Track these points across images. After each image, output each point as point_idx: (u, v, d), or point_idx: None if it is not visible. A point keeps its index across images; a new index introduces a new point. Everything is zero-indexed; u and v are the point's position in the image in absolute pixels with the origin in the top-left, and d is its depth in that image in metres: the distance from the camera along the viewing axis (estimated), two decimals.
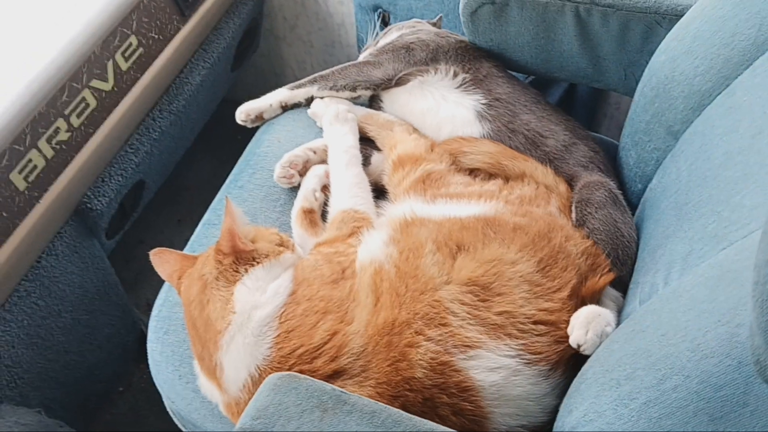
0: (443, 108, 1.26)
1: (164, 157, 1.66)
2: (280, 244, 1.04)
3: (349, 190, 1.15)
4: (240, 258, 0.99)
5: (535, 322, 0.92)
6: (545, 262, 0.98)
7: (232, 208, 0.98)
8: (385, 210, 1.14)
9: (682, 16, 1.12)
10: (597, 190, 1.09)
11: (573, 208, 1.10)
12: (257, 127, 1.41)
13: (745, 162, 0.83)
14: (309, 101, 1.35)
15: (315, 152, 1.23)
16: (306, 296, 0.95)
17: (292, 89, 1.34)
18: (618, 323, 0.96)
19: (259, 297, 0.95)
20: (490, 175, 1.19)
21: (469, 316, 0.91)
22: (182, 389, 1.08)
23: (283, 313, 0.93)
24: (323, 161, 1.23)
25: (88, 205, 1.41)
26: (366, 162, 1.23)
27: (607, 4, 1.19)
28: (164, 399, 1.13)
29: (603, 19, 1.20)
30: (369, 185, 1.18)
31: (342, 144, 1.21)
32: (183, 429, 1.15)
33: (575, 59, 1.28)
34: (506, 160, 1.18)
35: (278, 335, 0.91)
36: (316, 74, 1.34)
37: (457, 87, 1.27)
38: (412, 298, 0.92)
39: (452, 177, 1.17)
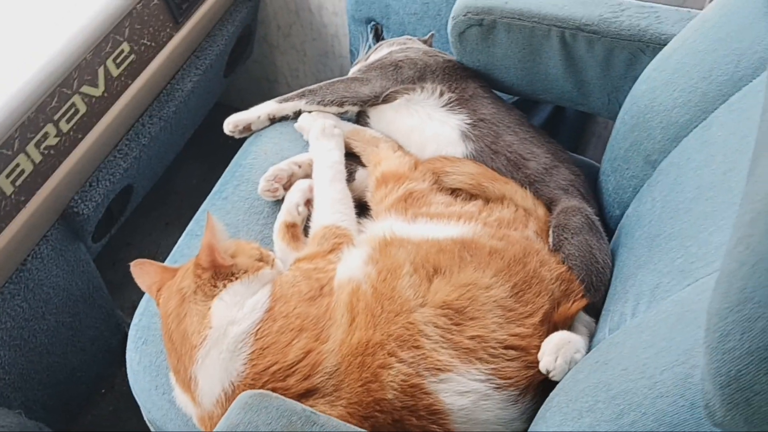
0: (428, 126, 1.28)
1: (153, 162, 1.67)
2: (260, 260, 1.04)
3: (332, 206, 1.16)
4: (219, 273, 0.99)
5: (506, 347, 0.93)
6: (519, 287, 0.99)
7: (213, 223, 0.99)
8: (366, 227, 1.15)
9: (665, 45, 1.14)
10: (574, 215, 1.11)
11: (550, 232, 1.11)
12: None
13: (715, 198, 0.84)
14: (297, 114, 1.36)
15: (300, 166, 1.24)
16: (282, 313, 0.96)
17: (280, 102, 1.36)
18: (589, 349, 0.97)
19: (236, 312, 0.95)
20: (471, 196, 1.20)
21: (442, 339, 0.92)
22: (158, 399, 1.09)
23: (258, 329, 0.94)
24: (308, 175, 1.24)
25: (75, 210, 1.42)
26: (351, 178, 1.25)
27: (592, 31, 1.20)
28: (141, 408, 1.14)
29: (588, 45, 1.22)
30: (352, 202, 1.19)
31: (327, 159, 1.22)
32: None
33: (560, 82, 1.29)
34: (487, 182, 1.19)
35: (253, 352, 0.92)
36: (304, 88, 1.35)
37: (443, 106, 1.29)
38: (387, 319, 0.93)
39: (434, 196, 1.18)
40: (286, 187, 1.23)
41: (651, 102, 1.07)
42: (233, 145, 1.43)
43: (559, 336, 0.95)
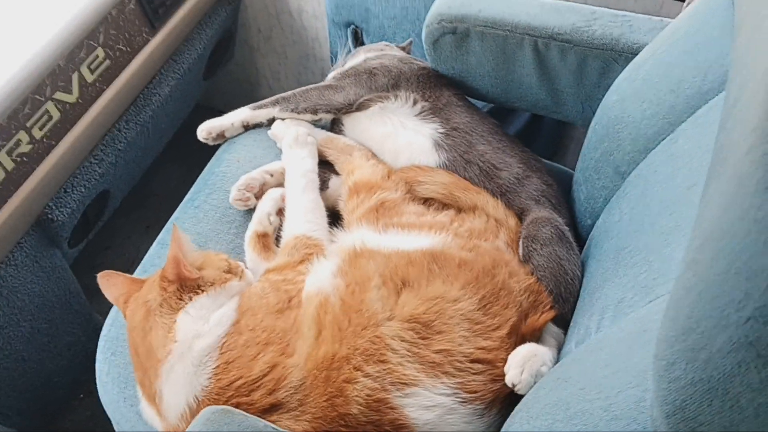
0: (402, 135, 1.27)
1: (130, 166, 1.66)
2: (228, 271, 1.04)
3: (304, 216, 1.15)
4: (185, 286, 0.98)
5: (472, 361, 0.93)
6: (487, 300, 0.98)
7: (179, 235, 0.98)
8: (338, 237, 1.14)
9: (637, 54, 1.14)
10: (543, 226, 1.11)
11: (520, 243, 1.11)
12: None
13: (678, 213, 0.84)
14: (271, 121, 1.35)
15: (272, 175, 1.24)
16: (249, 326, 0.95)
17: (254, 109, 1.35)
18: (557, 361, 0.97)
19: (201, 326, 0.95)
20: (444, 205, 1.20)
21: (408, 353, 0.91)
22: (127, 411, 1.08)
23: (224, 343, 0.93)
24: (280, 184, 1.24)
25: (50, 216, 1.41)
26: (324, 186, 1.24)
27: (565, 40, 1.20)
28: (111, 419, 1.14)
29: (561, 54, 1.21)
30: (324, 211, 1.18)
31: (300, 168, 1.22)
32: None
33: (534, 91, 1.29)
34: (459, 192, 1.19)
35: (218, 366, 0.91)
36: (278, 96, 1.35)
37: (416, 115, 1.28)
38: (354, 333, 0.93)
39: (406, 206, 1.17)
40: (258, 197, 1.23)
41: (621, 113, 1.07)
42: (213, 147, 1.42)
43: (526, 349, 0.95)
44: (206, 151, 1.43)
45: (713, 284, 0.50)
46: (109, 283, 1.07)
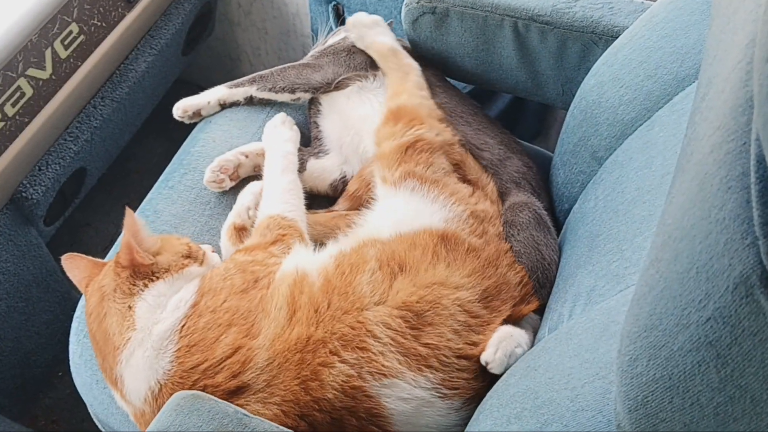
0: (380, 116, 1.26)
1: (107, 143, 1.64)
2: (188, 255, 1.01)
3: (281, 196, 1.12)
4: (138, 272, 0.96)
5: (459, 357, 0.91)
6: (489, 293, 0.97)
7: (133, 220, 0.96)
8: (358, 227, 1.09)
9: (617, 37, 1.13)
10: (521, 211, 1.10)
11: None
12: None
13: (651, 202, 0.84)
14: (248, 100, 1.33)
15: (247, 156, 1.22)
16: (210, 308, 0.93)
17: (231, 88, 1.33)
18: (532, 345, 0.97)
19: (159, 313, 0.93)
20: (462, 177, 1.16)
21: (392, 342, 0.89)
22: (99, 393, 1.08)
23: (183, 326, 0.92)
24: (256, 166, 1.22)
25: (24, 194, 1.39)
26: (302, 167, 1.23)
27: (545, 22, 1.18)
28: (85, 401, 1.13)
29: (541, 36, 1.20)
30: (302, 194, 1.15)
31: (281, 149, 1.19)
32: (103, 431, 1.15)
33: (514, 72, 1.28)
34: (471, 162, 1.17)
35: (179, 349, 0.90)
36: (255, 74, 1.33)
37: None
38: (333, 316, 0.90)
39: (437, 157, 1.12)
40: (233, 178, 1.21)
41: (599, 97, 1.06)
42: (194, 123, 1.40)
43: (502, 330, 0.94)
44: (188, 128, 1.40)
45: (674, 283, 0.49)
46: (73, 265, 1.05)
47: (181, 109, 1.34)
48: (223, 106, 1.35)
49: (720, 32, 0.61)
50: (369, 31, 1.28)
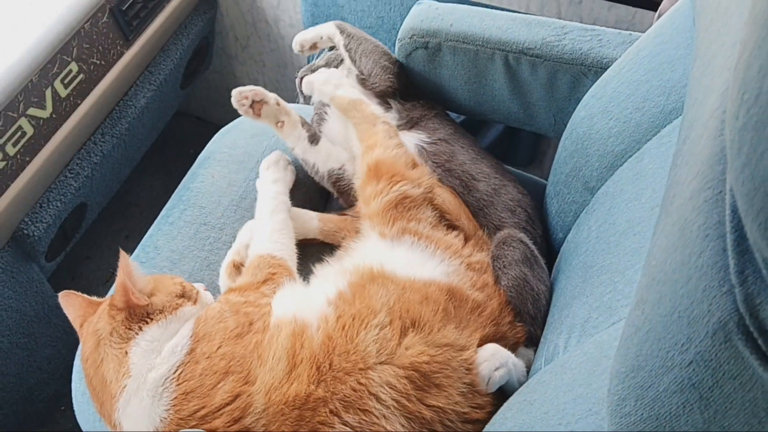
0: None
1: (107, 179, 1.66)
2: (182, 295, 1.00)
3: (270, 236, 1.13)
4: (133, 314, 0.95)
5: (464, 421, 0.89)
6: None
7: (127, 261, 0.95)
8: (351, 252, 1.10)
9: (606, 68, 1.15)
10: (509, 246, 1.11)
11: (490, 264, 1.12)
12: (208, 141, 1.42)
13: (642, 234, 0.85)
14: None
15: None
16: (206, 354, 0.91)
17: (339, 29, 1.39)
18: (527, 377, 0.98)
19: (154, 359, 0.91)
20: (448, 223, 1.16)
21: (396, 404, 0.87)
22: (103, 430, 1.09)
23: (180, 373, 0.89)
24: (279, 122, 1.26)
25: (25, 231, 1.41)
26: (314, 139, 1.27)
27: (535, 54, 1.20)
28: None
29: (531, 68, 1.22)
30: (293, 234, 1.16)
31: (270, 190, 1.20)
32: None
33: (506, 103, 1.30)
34: (464, 216, 1.17)
35: (175, 398, 0.88)
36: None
37: (402, 124, 1.30)
38: (335, 378, 0.87)
39: (424, 210, 1.12)
40: (256, 113, 1.27)
41: (589, 129, 1.08)
42: (195, 154, 1.43)
43: (487, 348, 0.96)
44: (189, 159, 1.43)
45: (658, 325, 0.51)
46: (68, 302, 1.04)
47: (299, 43, 1.41)
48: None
49: (701, 75, 0.63)
50: (325, 88, 1.27)
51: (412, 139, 1.27)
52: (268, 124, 1.28)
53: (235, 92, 1.26)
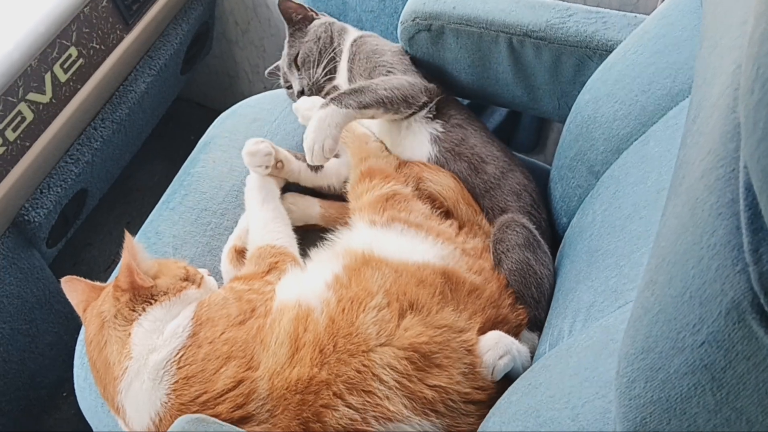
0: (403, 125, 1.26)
1: (108, 164, 1.65)
2: (186, 279, 1.00)
3: (264, 227, 1.12)
4: (138, 295, 0.95)
5: (466, 401, 0.90)
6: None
7: (132, 242, 0.95)
8: (341, 237, 1.10)
9: (611, 51, 1.14)
10: (511, 230, 1.10)
11: (491, 247, 1.11)
12: (209, 126, 1.40)
13: (648, 218, 0.85)
14: None
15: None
16: (208, 339, 0.91)
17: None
18: (531, 361, 0.98)
19: (155, 339, 0.91)
20: (442, 212, 1.17)
21: (398, 385, 0.87)
22: (104, 416, 1.09)
23: (181, 357, 0.90)
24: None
25: (26, 217, 1.40)
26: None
27: (540, 37, 1.19)
28: (90, 424, 1.14)
29: (536, 51, 1.21)
30: (288, 219, 1.15)
31: (256, 181, 1.19)
32: None
33: (510, 87, 1.29)
34: (464, 203, 1.17)
35: (176, 381, 0.88)
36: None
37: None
38: (339, 360, 0.87)
39: (415, 203, 1.13)
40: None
41: (594, 113, 1.07)
42: (196, 140, 1.42)
43: (490, 335, 0.96)
44: (190, 145, 1.42)
45: (669, 306, 0.50)
46: (71, 288, 1.04)
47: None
48: None
49: (708, 55, 0.62)
50: (311, 113, 1.22)
51: (428, 127, 1.25)
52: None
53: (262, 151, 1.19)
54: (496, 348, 0.94)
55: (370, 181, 1.14)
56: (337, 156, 1.25)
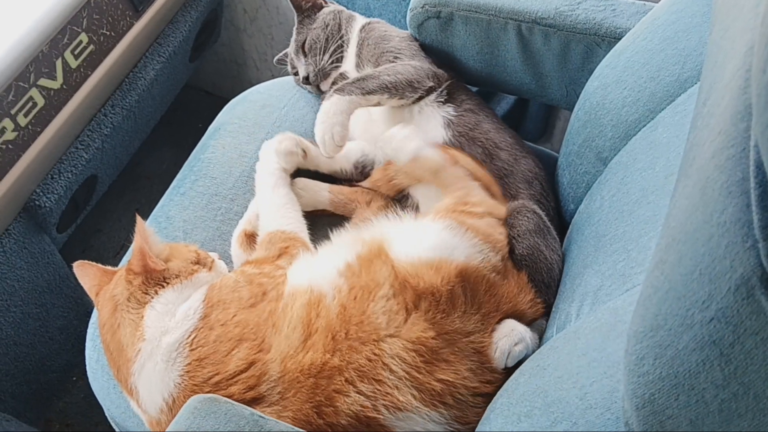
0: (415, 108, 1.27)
1: (117, 151, 1.66)
2: (197, 262, 1.01)
3: (276, 212, 1.13)
4: (150, 278, 0.96)
5: (474, 395, 0.91)
6: None
7: (143, 226, 0.96)
8: (358, 226, 1.10)
9: (620, 39, 1.14)
10: (522, 216, 1.11)
11: None
12: (217, 114, 1.41)
13: (656, 202, 0.85)
14: None
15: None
16: (220, 321, 0.92)
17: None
18: (539, 345, 0.99)
19: (167, 321, 0.93)
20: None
21: (407, 376, 0.88)
22: (116, 398, 1.10)
23: (194, 338, 0.91)
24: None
25: (37, 203, 1.41)
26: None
27: (548, 24, 1.20)
28: (102, 405, 1.15)
29: (544, 38, 1.22)
30: (298, 205, 1.16)
31: (269, 165, 1.19)
32: None
33: (519, 74, 1.29)
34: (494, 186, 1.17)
35: (189, 363, 0.90)
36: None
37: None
38: (350, 347, 0.89)
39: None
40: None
41: (602, 99, 1.07)
42: (204, 127, 1.43)
43: (505, 324, 0.97)
44: (199, 132, 1.43)
45: (679, 284, 0.51)
46: (83, 272, 1.05)
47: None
48: None
49: (720, 38, 0.63)
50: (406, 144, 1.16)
51: (441, 111, 1.25)
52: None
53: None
54: (512, 335, 0.95)
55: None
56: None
